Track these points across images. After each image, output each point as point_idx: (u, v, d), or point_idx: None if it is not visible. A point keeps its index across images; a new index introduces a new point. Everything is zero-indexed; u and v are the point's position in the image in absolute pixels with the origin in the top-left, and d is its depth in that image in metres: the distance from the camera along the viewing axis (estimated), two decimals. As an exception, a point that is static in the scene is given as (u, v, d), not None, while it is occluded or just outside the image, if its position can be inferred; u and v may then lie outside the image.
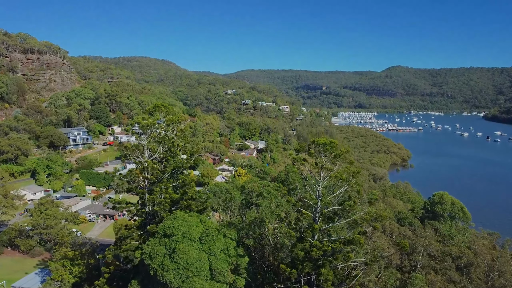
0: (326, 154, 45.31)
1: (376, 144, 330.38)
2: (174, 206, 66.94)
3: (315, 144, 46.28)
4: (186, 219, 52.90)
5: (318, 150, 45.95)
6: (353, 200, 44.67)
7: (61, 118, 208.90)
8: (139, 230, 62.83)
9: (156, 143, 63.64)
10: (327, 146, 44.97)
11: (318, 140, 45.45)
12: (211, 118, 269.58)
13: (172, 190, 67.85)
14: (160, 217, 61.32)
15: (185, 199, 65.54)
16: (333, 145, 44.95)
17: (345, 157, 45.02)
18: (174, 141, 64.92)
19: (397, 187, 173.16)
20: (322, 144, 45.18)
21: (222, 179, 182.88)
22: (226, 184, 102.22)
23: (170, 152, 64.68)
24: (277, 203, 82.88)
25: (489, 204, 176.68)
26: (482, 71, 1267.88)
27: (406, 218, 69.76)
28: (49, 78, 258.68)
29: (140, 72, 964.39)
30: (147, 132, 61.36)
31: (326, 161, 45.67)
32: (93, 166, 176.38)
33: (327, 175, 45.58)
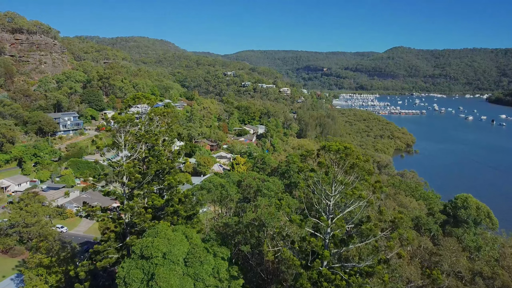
0: (340, 162, 36.28)
1: (380, 129, 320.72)
2: (159, 212, 58.45)
3: (326, 150, 37.20)
4: (169, 235, 44.06)
5: (330, 158, 36.95)
6: (373, 222, 35.78)
7: (51, 103, 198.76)
8: (118, 241, 54.30)
9: (137, 141, 54.60)
10: (341, 153, 35.87)
11: (330, 146, 36.25)
12: (209, 102, 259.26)
13: (157, 194, 59.31)
14: (142, 228, 52.68)
15: (171, 205, 56.86)
16: (348, 152, 35.78)
17: (364, 167, 35.97)
18: (158, 138, 55.72)
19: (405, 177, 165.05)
20: (335, 151, 36.08)
21: (219, 167, 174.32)
22: (221, 180, 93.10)
23: (153, 151, 55.55)
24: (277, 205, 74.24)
25: (498, 194, 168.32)
26: (486, 52, 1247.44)
27: (426, 224, 61.17)
28: (39, 60, 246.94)
29: (138, 52, 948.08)
30: (124, 128, 52.15)
31: (339, 172, 36.71)
32: (83, 153, 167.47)
33: (341, 189, 36.67)
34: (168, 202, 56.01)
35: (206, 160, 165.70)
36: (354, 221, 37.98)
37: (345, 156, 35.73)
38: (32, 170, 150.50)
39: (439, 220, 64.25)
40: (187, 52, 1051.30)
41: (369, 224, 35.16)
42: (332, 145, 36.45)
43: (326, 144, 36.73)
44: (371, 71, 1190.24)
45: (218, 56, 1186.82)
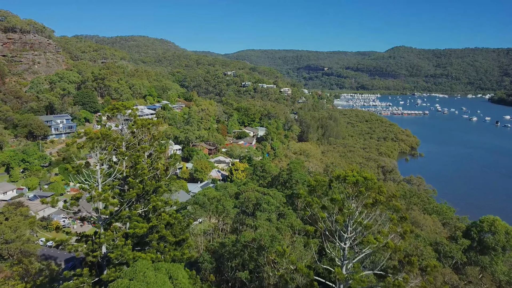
0: (359, 198, 28.88)
1: (383, 131, 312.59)
2: (143, 239, 51.03)
3: (340, 180, 29.78)
4: (149, 278, 36.57)
5: (346, 191, 29.53)
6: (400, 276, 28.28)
7: (43, 105, 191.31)
8: (94, 275, 46.89)
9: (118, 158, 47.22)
10: (360, 186, 28.47)
11: (346, 176, 28.83)
12: (207, 103, 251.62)
13: (142, 216, 51.90)
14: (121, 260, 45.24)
15: (156, 231, 49.40)
16: (370, 185, 28.38)
17: (389, 205, 28.50)
18: (139, 156, 48.26)
19: (412, 184, 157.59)
20: (352, 183, 28.64)
21: (217, 173, 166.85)
22: (217, 193, 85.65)
23: (134, 170, 48.11)
24: (278, 225, 66.86)
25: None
26: (488, 51, 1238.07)
27: (449, 252, 53.70)
28: (32, 60, 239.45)
29: (138, 52, 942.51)
30: (98, 146, 44.77)
31: (358, 208, 29.29)
32: (76, 158, 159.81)
33: (359, 230, 29.27)
34: (152, 229, 48.54)
35: (203, 165, 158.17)
36: (373, 268, 30.53)
37: (365, 191, 28.27)
38: (20, 177, 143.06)
39: (463, 246, 56.65)
40: (187, 52, 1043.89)
41: (396, 279, 27.50)
42: (348, 174, 28.93)
43: (341, 173, 29.25)
44: (372, 71, 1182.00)
45: (219, 55, 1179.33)
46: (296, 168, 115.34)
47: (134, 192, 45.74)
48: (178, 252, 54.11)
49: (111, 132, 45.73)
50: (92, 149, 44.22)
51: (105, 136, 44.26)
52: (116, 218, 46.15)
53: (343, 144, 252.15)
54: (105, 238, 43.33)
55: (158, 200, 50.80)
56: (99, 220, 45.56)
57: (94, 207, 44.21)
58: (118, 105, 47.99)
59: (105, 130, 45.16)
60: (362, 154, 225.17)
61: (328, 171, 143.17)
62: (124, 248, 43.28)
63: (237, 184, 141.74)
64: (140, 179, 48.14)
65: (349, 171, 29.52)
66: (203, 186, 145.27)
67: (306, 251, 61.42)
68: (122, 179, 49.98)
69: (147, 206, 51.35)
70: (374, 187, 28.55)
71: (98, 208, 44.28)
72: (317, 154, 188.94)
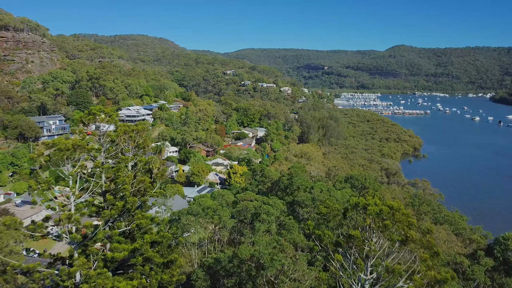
0: (384, 233, 22.85)
1: (385, 131, 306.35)
2: (126, 263, 45.08)
3: (359, 209, 23.71)
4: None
5: (366, 223, 23.50)
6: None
7: (35, 105, 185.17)
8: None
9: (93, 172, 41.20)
10: (384, 217, 22.45)
11: (367, 205, 22.78)
12: (205, 104, 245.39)
13: (123, 235, 45.96)
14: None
15: (140, 253, 43.38)
16: (398, 217, 22.37)
17: (425, 243, 22.41)
18: (120, 168, 42.26)
19: (417, 188, 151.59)
20: (374, 214, 22.62)
21: (215, 176, 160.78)
22: (212, 203, 79.58)
23: (115, 184, 42.12)
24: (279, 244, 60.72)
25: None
26: (488, 50, 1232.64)
27: (470, 274, 47.79)
28: (26, 59, 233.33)
29: (137, 51, 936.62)
30: (70, 158, 38.76)
31: (381, 246, 23.27)
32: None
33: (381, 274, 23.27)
34: (134, 252, 42.43)
35: (200, 168, 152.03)
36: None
37: (391, 224, 22.20)
38: (8, 181, 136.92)
39: (486, 267, 50.61)
40: (186, 51, 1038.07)
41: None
42: (369, 203, 22.84)
43: (360, 201, 23.18)
44: (373, 70, 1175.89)
45: (218, 54, 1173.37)
46: (297, 172, 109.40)
47: (112, 212, 39.72)
48: (167, 275, 48.00)
49: (85, 142, 39.66)
50: (62, 162, 38.25)
51: (77, 146, 38.24)
52: (94, 240, 40.15)
53: (344, 145, 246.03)
54: (78, 265, 37.23)
55: (143, 218, 44.86)
56: (72, 243, 39.59)
57: (63, 231, 38.23)
58: (95, 110, 41.86)
59: (77, 139, 39.16)
60: (365, 155, 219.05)
61: (330, 175, 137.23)
62: (99, 278, 37.23)
63: (235, 187, 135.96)
64: (120, 195, 42.20)
65: (369, 197, 23.38)
66: (200, 190, 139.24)
67: (310, 270, 55.56)
68: (102, 194, 44.07)
69: (131, 223, 45.41)
70: (402, 220, 22.39)
71: (70, 231, 38.28)
72: (318, 156, 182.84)
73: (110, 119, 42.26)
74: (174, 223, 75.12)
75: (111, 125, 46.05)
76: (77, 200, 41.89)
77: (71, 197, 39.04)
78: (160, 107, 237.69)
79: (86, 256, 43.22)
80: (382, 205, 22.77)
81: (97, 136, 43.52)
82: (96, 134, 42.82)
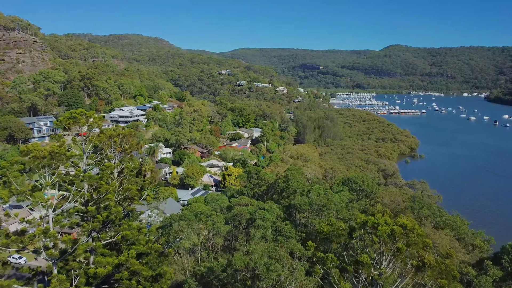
0: (396, 256, 19.99)
1: (381, 131, 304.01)
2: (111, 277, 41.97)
3: (367, 229, 20.79)
4: None
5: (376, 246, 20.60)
6: None
7: (25, 106, 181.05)
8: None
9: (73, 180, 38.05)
10: (397, 239, 19.55)
11: (377, 224, 19.88)
12: (200, 104, 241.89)
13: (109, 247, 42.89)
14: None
15: (127, 267, 40.29)
16: (413, 239, 19.52)
17: (444, 270, 19.55)
18: (103, 176, 39.13)
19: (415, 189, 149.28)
20: (386, 234, 19.73)
21: (209, 178, 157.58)
22: (206, 208, 76.49)
23: (98, 193, 39.00)
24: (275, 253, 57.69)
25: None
26: (483, 50, 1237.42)
27: (478, 286, 45.04)
28: (17, 58, 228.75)
29: (131, 50, 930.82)
30: (48, 166, 35.65)
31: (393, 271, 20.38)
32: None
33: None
34: (119, 266, 39.29)
35: (195, 170, 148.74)
36: None
37: (405, 247, 19.34)
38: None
39: (494, 277, 47.92)
40: (181, 50, 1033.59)
41: None
42: (379, 222, 19.94)
43: (368, 219, 20.29)
44: (368, 69, 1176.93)
45: (213, 54, 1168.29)
46: (293, 175, 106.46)
47: (94, 225, 36.63)
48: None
49: (63, 149, 36.51)
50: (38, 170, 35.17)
51: (54, 154, 35.11)
52: (74, 255, 36.98)
53: (341, 145, 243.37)
54: (55, 285, 34.03)
55: (129, 228, 41.78)
56: (50, 259, 36.41)
57: (39, 246, 35.09)
58: (75, 114, 38.70)
59: (55, 146, 36.04)
60: (361, 156, 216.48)
61: (327, 177, 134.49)
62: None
63: (230, 190, 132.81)
64: (104, 204, 39.09)
65: (379, 215, 20.44)
66: (194, 193, 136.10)
67: (308, 281, 52.67)
68: (84, 204, 40.93)
69: (117, 234, 42.26)
70: (417, 242, 19.48)
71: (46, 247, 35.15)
72: (315, 157, 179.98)
73: (92, 123, 39.15)
74: (166, 229, 72.07)
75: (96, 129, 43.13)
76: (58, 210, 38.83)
77: (49, 209, 35.92)
78: (154, 108, 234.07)
79: (68, 271, 40.23)
80: (394, 224, 19.85)
81: (78, 142, 40.46)
82: (78, 140, 39.77)
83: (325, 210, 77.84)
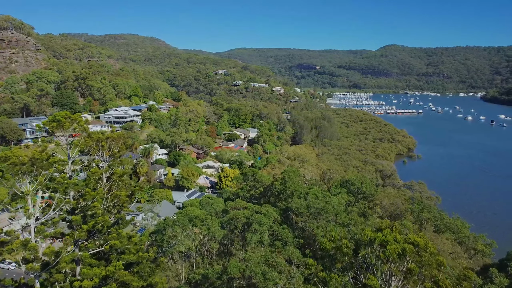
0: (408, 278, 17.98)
1: (378, 131, 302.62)
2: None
3: (375, 247, 18.77)
4: None
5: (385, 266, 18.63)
6: None
7: (17, 106, 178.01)
8: None
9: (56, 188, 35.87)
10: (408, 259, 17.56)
11: (386, 242, 17.88)
12: (196, 104, 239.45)
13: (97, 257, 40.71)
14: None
15: (115, 278, 38.11)
16: (426, 259, 17.55)
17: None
18: (89, 182, 36.93)
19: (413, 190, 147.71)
20: (395, 254, 17.70)
21: (205, 179, 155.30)
22: (200, 212, 74.33)
23: (85, 200, 36.79)
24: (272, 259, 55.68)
25: None
26: (479, 50, 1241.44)
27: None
28: (9, 58, 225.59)
29: (127, 50, 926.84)
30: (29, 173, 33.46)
31: None
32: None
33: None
34: (104, 280, 37.04)
35: (190, 172, 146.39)
36: None
37: (418, 268, 17.33)
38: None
39: (500, 286, 46.04)
40: (177, 50, 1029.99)
41: None
42: (388, 240, 17.92)
43: (376, 236, 18.25)
44: (364, 69, 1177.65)
45: (210, 54, 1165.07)
46: (290, 177, 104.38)
47: (80, 235, 34.40)
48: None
49: (45, 155, 34.29)
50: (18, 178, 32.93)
51: (35, 160, 32.87)
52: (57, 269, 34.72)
53: (338, 146, 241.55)
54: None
55: (118, 237, 39.58)
56: (30, 274, 34.16)
57: (16, 260, 32.86)
58: (59, 116, 36.43)
59: (36, 152, 33.80)
60: (359, 156, 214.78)
61: (325, 178, 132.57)
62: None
63: (226, 192, 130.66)
64: (91, 212, 36.86)
65: (387, 231, 18.38)
66: (190, 195, 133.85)
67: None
68: (70, 211, 38.70)
69: (106, 243, 40.04)
70: (431, 262, 17.43)
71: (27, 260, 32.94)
72: (312, 158, 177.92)
73: (77, 126, 36.89)
74: (159, 235, 69.84)
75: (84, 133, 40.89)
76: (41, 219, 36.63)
77: (31, 219, 33.68)
78: (149, 108, 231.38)
79: (52, 284, 37.97)
80: (405, 242, 17.77)
81: (64, 146, 38.24)
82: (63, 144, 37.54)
83: (324, 213, 75.88)
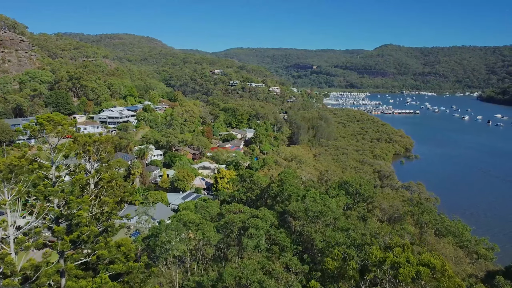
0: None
1: (375, 131, 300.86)
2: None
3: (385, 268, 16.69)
4: None
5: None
6: None
7: (10, 106, 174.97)
8: None
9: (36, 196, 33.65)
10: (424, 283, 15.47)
11: (397, 264, 15.78)
12: (192, 104, 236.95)
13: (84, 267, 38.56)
14: None
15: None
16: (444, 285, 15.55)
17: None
18: (73, 189, 34.67)
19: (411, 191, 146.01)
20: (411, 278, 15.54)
21: (201, 181, 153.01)
22: (195, 216, 72.11)
23: (68, 209, 34.53)
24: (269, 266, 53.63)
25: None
26: (475, 50, 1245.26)
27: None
28: (2, 58, 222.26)
29: (123, 50, 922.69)
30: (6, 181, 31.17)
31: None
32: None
33: None
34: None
35: (186, 173, 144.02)
36: None
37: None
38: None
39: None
40: (174, 50, 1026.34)
41: None
42: (400, 260, 15.82)
43: (386, 257, 16.18)
44: (361, 69, 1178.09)
45: (206, 53, 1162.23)
46: (288, 179, 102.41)
47: (64, 247, 32.17)
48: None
49: (24, 161, 32.06)
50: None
51: (13, 167, 30.61)
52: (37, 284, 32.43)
53: (335, 146, 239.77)
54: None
55: (106, 246, 37.37)
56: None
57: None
58: (41, 119, 34.15)
59: (14, 158, 31.57)
60: (356, 157, 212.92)
61: (322, 179, 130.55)
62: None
63: (222, 193, 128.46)
64: (77, 221, 34.63)
65: (398, 250, 16.25)
66: (185, 197, 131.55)
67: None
68: (54, 219, 36.45)
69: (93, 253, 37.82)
70: (449, 287, 15.33)
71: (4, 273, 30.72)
72: (309, 159, 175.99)
73: (61, 130, 34.60)
74: (152, 240, 67.63)
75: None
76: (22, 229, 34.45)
77: (9, 229, 31.41)
78: (144, 108, 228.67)
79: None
80: (419, 263, 15.66)
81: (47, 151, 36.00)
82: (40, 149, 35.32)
83: (322, 217, 73.88)
